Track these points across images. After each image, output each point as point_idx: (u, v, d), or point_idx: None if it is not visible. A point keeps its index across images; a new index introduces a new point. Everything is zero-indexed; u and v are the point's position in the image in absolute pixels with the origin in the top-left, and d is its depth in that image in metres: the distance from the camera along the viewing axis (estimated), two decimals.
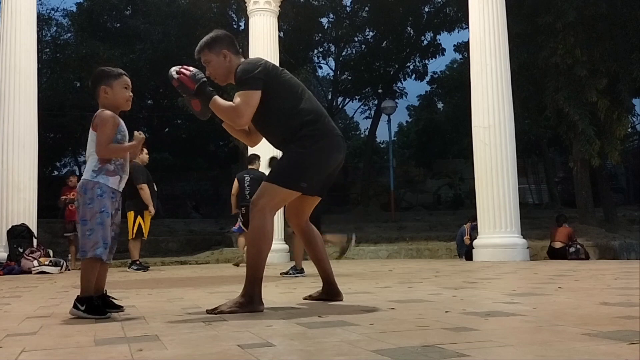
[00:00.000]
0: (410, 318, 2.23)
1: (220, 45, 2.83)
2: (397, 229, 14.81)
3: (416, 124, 32.87)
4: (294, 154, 2.74)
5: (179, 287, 4.51)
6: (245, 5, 11.27)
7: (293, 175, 2.71)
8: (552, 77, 11.91)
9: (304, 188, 2.75)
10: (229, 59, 2.82)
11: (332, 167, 2.84)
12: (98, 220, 2.55)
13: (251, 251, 2.68)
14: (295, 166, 2.72)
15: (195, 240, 14.23)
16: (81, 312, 2.51)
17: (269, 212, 2.68)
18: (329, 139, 2.78)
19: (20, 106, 8.84)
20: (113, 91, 2.68)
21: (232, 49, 2.85)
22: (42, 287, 4.91)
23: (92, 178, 2.60)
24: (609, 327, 1.88)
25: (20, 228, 8.29)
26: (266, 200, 2.68)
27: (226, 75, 2.85)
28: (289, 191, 2.72)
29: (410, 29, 22.15)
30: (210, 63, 2.84)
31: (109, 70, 2.75)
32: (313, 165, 2.74)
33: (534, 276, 4.84)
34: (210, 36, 2.89)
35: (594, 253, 10.52)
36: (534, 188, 24.26)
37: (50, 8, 31.40)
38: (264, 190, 2.71)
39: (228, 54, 2.82)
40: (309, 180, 2.73)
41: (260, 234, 2.64)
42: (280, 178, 2.72)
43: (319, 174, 2.79)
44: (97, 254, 2.53)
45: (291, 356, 1.58)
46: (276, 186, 2.70)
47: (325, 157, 2.77)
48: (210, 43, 2.84)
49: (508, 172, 8.73)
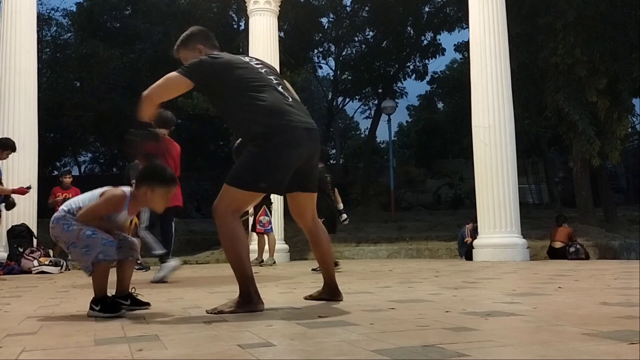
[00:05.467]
0: (410, 318, 2.23)
1: (194, 41, 2.93)
2: (397, 229, 14.81)
3: (416, 124, 32.88)
4: (249, 155, 2.67)
5: (179, 287, 4.51)
6: (245, 5, 11.27)
7: (249, 176, 2.63)
8: (552, 77, 11.92)
9: (264, 188, 2.70)
10: (204, 52, 2.86)
11: (296, 162, 2.70)
12: (87, 232, 2.50)
13: (229, 255, 2.65)
14: (250, 167, 2.65)
15: (195, 240, 14.23)
16: (97, 312, 2.51)
17: (230, 215, 2.61)
18: (285, 134, 2.62)
19: (20, 106, 8.84)
20: (153, 195, 2.60)
21: (206, 43, 2.93)
22: (42, 287, 4.91)
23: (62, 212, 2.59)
24: (609, 327, 1.87)
25: (20, 228, 8.29)
26: (226, 204, 2.62)
27: None
28: (248, 192, 2.66)
29: (410, 29, 22.16)
30: (187, 60, 2.86)
31: (162, 171, 2.65)
32: (269, 164, 2.63)
33: (534, 276, 4.84)
34: (185, 34, 2.99)
35: (594, 253, 10.52)
36: (534, 188, 24.26)
37: (50, 8, 31.43)
38: (223, 194, 2.65)
39: (203, 48, 2.89)
40: (268, 180, 2.64)
41: (231, 239, 2.60)
42: (237, 180, 2.64)
43: (280, 171, 2.66)
44: (99, 259, 2.49)
45: (291, 356, 1.58)
46: (234, 189, 2.63)
47: (283, 153, 2.64)
48: (185, 41, 2.96)
49: (508, 172, 8.73)
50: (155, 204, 2.66)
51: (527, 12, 12.13)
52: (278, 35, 11.31)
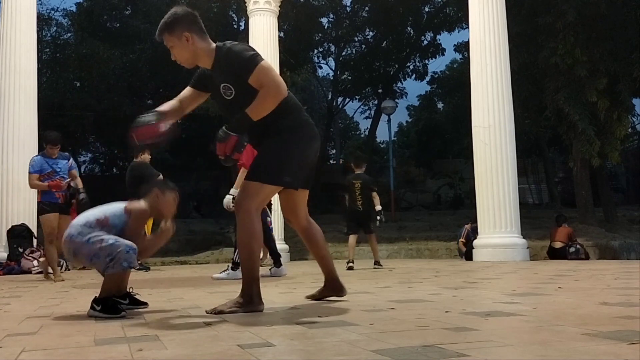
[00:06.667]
0: (410, 318, 2.23)
1: (180, 27, 2.61)
2: (397, 229, 14.81)
3: (416, 124, 32.90)
4: (273, 148, 2.66)
5: (179, 287, 4.51)
6: (245, 5, 11.27)
7: (275, 170, 2.63)
8: (552, 77, 11.91)
9: (287, 182, 2.68)
10: (192, 41, 2.62)
11: (314, 157, 2.79)
12: (109, 241, 2.48)
13: (243, 252, 2.63)
14: (276, 161, 2.64)
15: (195, 240, 14.23)
16: (97, 312, 2.50)
17: (254, 212, 2.61)
18: (305, 128, 2.73)
19: (20, 106, 8.85)
20: (164, 199, 2.68)
21: (194, 30, 2.64)
22: (42, 287, 4.91)
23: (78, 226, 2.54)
24: (609, 327, 1.87)
25: (20, 228, 8.29)
26: (250, 201, 2.61)
27: (192, 58, 2.67)
28: (272, 187, 2.66)
29: (410, 29, 22.18)
30: (173, 48, 2.65)
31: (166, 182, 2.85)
32: (294, 158, 2.66)
33: (534, 276, 4.84)
34: (168, 16, 2.65)
35: (594, 253, 10.52)
36: (534, 188, 24.28)
37: (50, 8, 31.37)
38: (246, 190, 2.64)
39: (190, 36, 2.61)
40: (292, 174, 2.66)
41: (250, 235, 2.59)
42: (263, 175, 2.63)
43: (301, 165, 2.72)
44: (124, 267, 2.51)
45: (291, 356, 1.58)
46: (259, 184, 2.62)
47: (305, 147, 2.71)
48: (169, 25, 2.62)
49: (508, 172, 8.74)
50: (164, 208, 2.70)
51: (527, 12, 12.14)
52: (278, 35, 11.31)
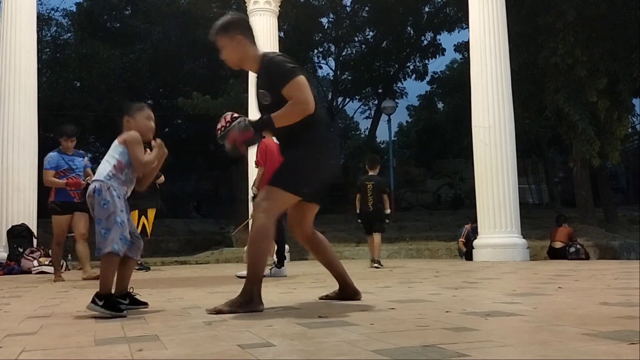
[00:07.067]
0: (410, 318, 2.23)
1: (235, 29, 2.77)
2: (397, 229, 14.79)
3: (416, 124, 32.88)
4: (300, 158, 2.75)
5: (179, 287, 4.51)
6: (245, 5, 11.27)
7: (296, 179, 2.71)
8: (552, 77, 11.91)
9: (305, 193, 2.75)
10: (243, 44, 2.77)
11: (329, 173, 2.88)
12: (118, 219, 2.61)
13: (253, 251, 2.67)
14: (299, 170, 2.73)
15: (195, 240, 14.24)
16: (98, 307, 2.51)
17: (271, 215, 2.68)
18: (328, 145, 2.83)
19: (20, 106, 8.85)
20: (135, 121, 2.81)
21: (246, 35, 2.79)
22: (42, 287, 4.91)
23: (106, 180, 2.68)
24: (609, 327, 1.87)
25: (20, 228, 8.29)
26: (269, 203, 2.68)
27: (240, 60, 2.83)
28: (291, 195, 2.72)
29: (410, 29, 22.16)
30: (224, 48, 2.79)
31: (131, 103, 2.94)
32: (314, 171, 2.76)
33: (534, 276, 4.84)
34: (225, 20, 2.83)
35: (594, 253, 10.52)
36: (534, 188, 24.27)
37: (50, 8, 31.27)
38: (267, 194, 2.72)
39: (242, 39, 2.77)
40: (310, 185, 2.75)
41: (263, 235, 2.65)
42: (284, 182, 2.71)
43: (319, 180, 2.83)
44: (114, 249, 2.58)
45: (291, 356, 1.58)
46: (279, 190, 2.69)
47: (325, 163, 2.82)
48: (225, 27, 2.78)
49: (508, 172, 8.74)
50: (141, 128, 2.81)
51: (527, 12, 12.13)
52: (278, 35, 11.31)
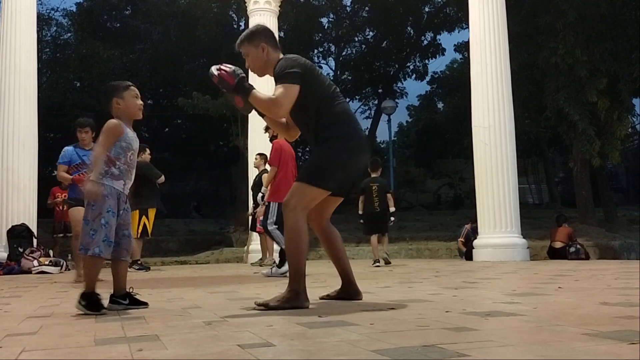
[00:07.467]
0: (410, 318, 2.23)
1: (259, 38, 2.93)
2: (397, 229, 14.78)
3: (416, 124, 32.84)
4: (324, 154, 2.82)
5: (179, 287, 4.51)
6: (245, 5, 11.28)
7: (323, 174, 2.78)
8: (552, 77, 11.91)
9: (333, 188, 2.82)
10: (266, 51, 2.91)
11: (358, 168, 2.95)
12: (102, 220, 2.65)
13: (290, 249, 2.80)
14: (325, 166, 2.80)
15: (195, 240, 14.23)
16: (82, 307, 2.61)
17: (300, 211, 2.76)
18: (357, 140, 2.86)
19: (20, 106, 8.84)
20: (124, 101, 2.83)
21: (270, 43, 2.95)
22: (42, 287, 4.91)
23: (99, 179, 2.70)
24: (609, 327, 1.87)
25: (20, 228, 8.28)
26: (297, 200, 2.77)
27: (264, 67, 2.95)
28: (319, 190, 2.79)
29: (410, 29, 22.17)
30: (249, 55, 2.94)
31: (117, 83, 2.91)
32: (341, 166, 2.81)
33: (534, 276, 4.85)
34: (250, 30, 3.04)
35: (594, 253, 10.52)
36: (534, 188, 24.26)
37: (50, 8, 31.30)
38: (294, 190, 2.80)
39: (266, 47, 2.92)
40: (337, 180, 2.81)
41: (296, 232, 2.75)
42: (311, 177, 2.79)
43: (347, 174, 2.87)
44: (95, 253, 2.63)
45: (291, 356, 1.58)
46: (306, 185, 2.78)
47: (354, 158, 2.86)
48: (250, 36, 2.96)
49: (508, 172, 8.74)
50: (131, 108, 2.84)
51: (527, 12, 12.13)
52: (278, 35, 11.31)
